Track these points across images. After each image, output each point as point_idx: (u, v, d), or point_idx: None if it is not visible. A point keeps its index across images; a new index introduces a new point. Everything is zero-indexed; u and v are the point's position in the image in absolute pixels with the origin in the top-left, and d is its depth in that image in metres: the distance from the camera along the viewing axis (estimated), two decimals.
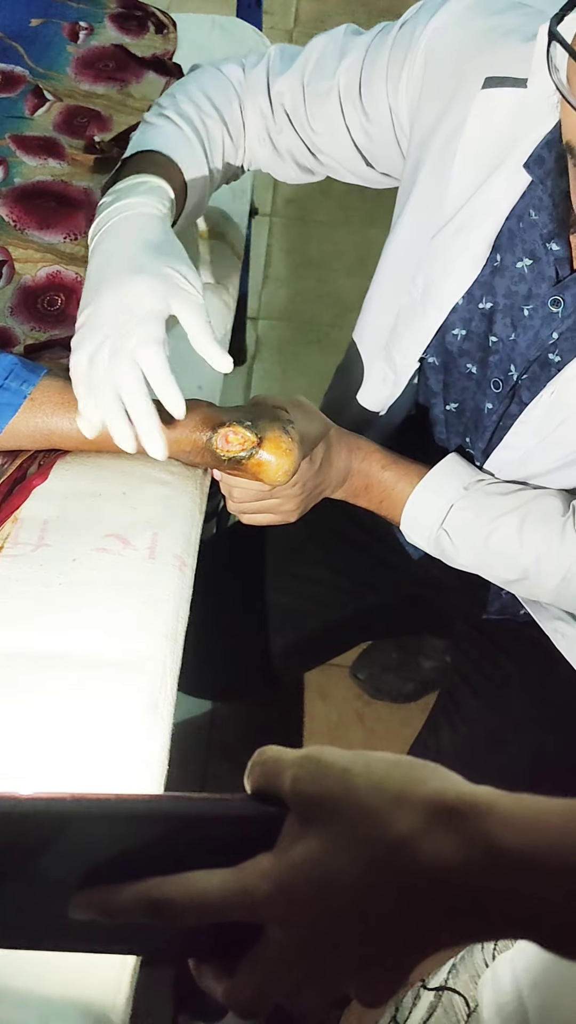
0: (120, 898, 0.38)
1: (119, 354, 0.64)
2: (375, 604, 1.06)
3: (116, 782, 0.60)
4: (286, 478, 0.71)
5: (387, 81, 0.80)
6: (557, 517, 0.79)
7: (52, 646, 0.66)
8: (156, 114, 0.84)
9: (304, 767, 0.39)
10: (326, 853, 0.37)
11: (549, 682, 0.95)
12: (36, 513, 0.73)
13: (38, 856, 0.39)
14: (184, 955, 0.41)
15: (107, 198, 0.75)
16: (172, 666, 0.67)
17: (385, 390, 0.88)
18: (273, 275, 2.17)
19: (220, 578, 1.03)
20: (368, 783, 0.38)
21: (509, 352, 0.79)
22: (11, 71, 1.11)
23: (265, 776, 0.40)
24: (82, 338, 0.67)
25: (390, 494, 0.83)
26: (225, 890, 0.37)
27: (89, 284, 0.69)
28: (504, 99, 0.73)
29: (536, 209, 0.73)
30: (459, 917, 0.37)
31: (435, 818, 0.37)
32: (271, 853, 0.38)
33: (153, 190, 0.74)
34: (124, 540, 0.72)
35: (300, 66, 0.85)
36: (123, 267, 0.67)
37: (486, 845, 0.36)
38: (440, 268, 0.79)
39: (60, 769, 0.60)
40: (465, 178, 0.76)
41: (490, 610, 0.99)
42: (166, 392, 0.65)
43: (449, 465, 0.83)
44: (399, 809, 0.37)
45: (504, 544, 0.80)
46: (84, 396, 0.67)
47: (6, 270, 0.90)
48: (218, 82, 0.88)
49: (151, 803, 0.40)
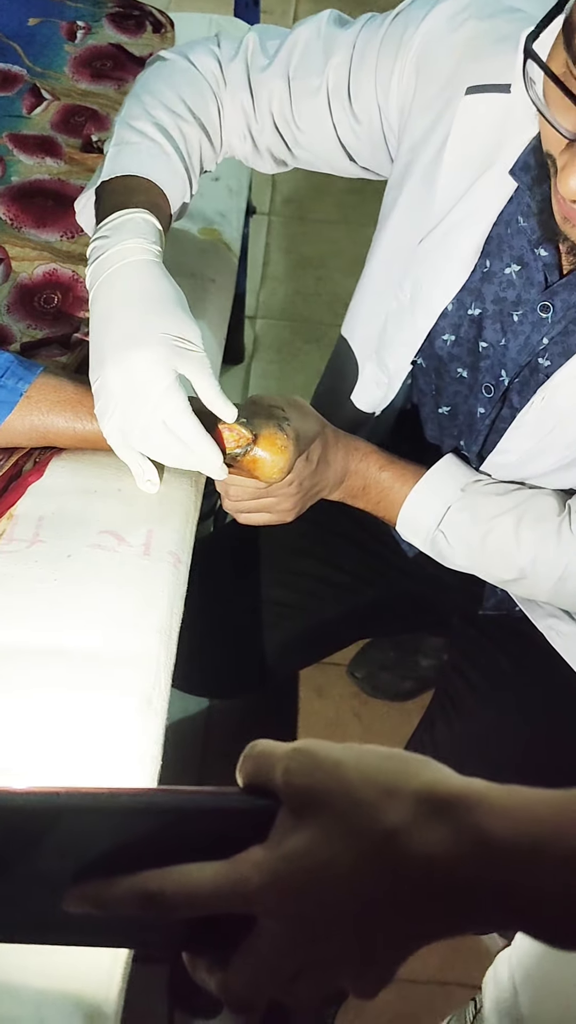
0: (114, 891, 0.38)
1: (151, 428, 0.67)
2: (372, 600, 1.06)
3: (110, 777, 0.61)
4: (281, 475, 0.71)
5: (376, 82, 0.79)
6: (553, 517, 0.79)
7: (47, 642, 0.66)
8: (128, 126, 0.78)
9: (296, 760, 0.39)
10: (318, 845, 0.37)
11: (545, 678, 0.95)
12: (31, 510, 0.73)
13: (32, 850, 0.39)
14: (177, 948, 0.41)
15: (97, 240, 0.72)
16: (166, 662, 0.68)
17: (379, 392, 0.89)
18: (271, 274, 2.17)
19: (216, 575, 1.03)
20: (360, 775, 0.39)
21: (500, 357, 0.79)
22: (9, 70, 1.11)
23: (257, 769, 0.41)
24: (103, 409, 0.68)
25: (387, 495, 0.83)
26: (218, 882, 0.38)
27: (94, 347, 0.68)
28: (488, 105, 0.72)
29: (524, 216, 0.73)
30: (451, 908, 0.37)
31: (426, 810, 0.37)
32: (264, 845, 0.38)
33: (138, 227, 0.71)
34: (119, 537, 0.73)
35: (283, 61, 0.82)
36: (123, 339, 0.66)
37: (477, 836, 0.37)
38: (427, 274, 0.79)
39: (54, 764, 0.61)
40: (451, 184, 0.76)
41: (486, 606, 1.00)
42: (202, 451, 0.68)
43: (446, 466, 0.83)
44: (390, 801, 0.38)
45: (500, 544, 0.80)
46: (136, 462, 0.71)
47: (3, 268, 0.90)
48: (192, 81, 0.83)
49: (144, 797, 0.41)
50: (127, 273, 0.69)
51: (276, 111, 0.83)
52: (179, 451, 0.68)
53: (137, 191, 0.74)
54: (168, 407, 0.66)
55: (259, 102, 0.83)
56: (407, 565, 1.00)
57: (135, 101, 0.81)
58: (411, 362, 0.84)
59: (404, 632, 1.48)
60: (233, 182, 1.11)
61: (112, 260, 0.70)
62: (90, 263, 0.71)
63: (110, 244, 0.70)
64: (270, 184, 2.35)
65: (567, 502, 0.80)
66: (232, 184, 1.10)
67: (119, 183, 0.75)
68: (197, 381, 0.67)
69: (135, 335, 0.66)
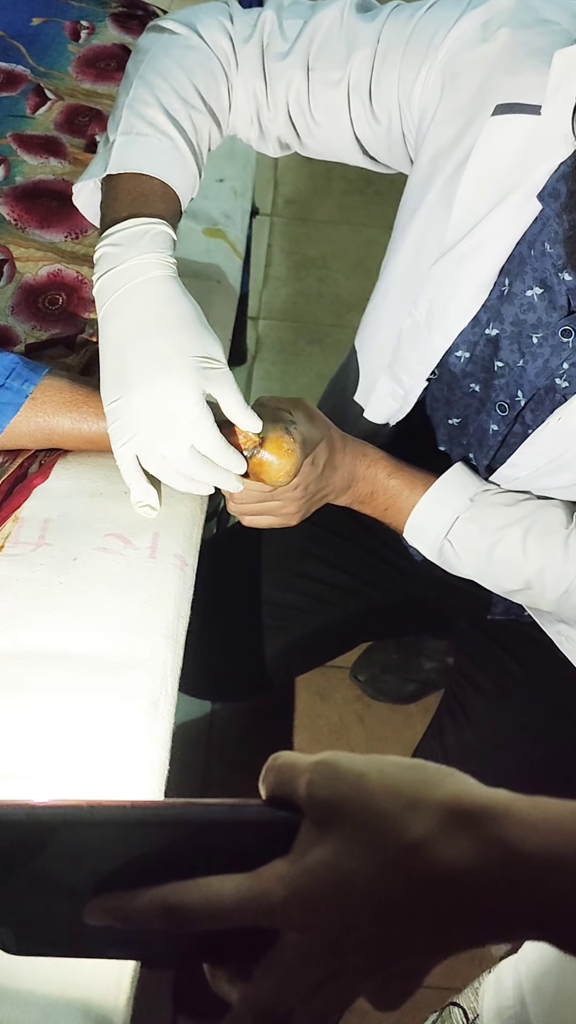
0: (136, 904, 0.38)
1: (175, 454, 0.66)
2: (376, 604, 1.06)
3: (117, 782, 0.60)
4: (288, 479, 0.70)
5: (399, 83, 0.76)
6: (561, 530, 0.78)
7: (52, 646, 0.66)
8: (138, 114, 0.74)
9: (319, 772, 0.39)
10: (342, 857, 0.37)
11: (554, 683, 0.95)
12: (37, 512, 0.73)
13: (54, 863, 0.39)
14: (194, 960, 0.41)
15: (109, 246, 0.69)
16: (173, 666, 0.67)
17: (394, 405, 0.88)
18: (273, 275, 2.17)
19: (220, 578, 1.03)
20: (383, 787, 0.38)
21: (516, 378, 0.78)
22: (12, 70, 1.11)
23: (280, 781, 0.40)
24: (121, 430, 0.66)
25: (395, 502, 0.82)
26: (241, 895, 0.37)
27: (111, 369, 0.67)
28: (516, 127, 0.70)
29: (551, 242, 0.71)
30: (475, 920, 0.37)
31: (451, 821, 0.37)
32: (287, 858, 0.38)
33: (157, 241, 0.69)
34: (125, 539, 0.72)
35: (303, 50, 0.78)
36: (152, 364, 0.65)
37: (503, 848, 0.36)
38: (443, 295, 0.78)
39: (61, 769, 0.60)
40: (471, 205, 0.74)
41: (494, 611, 0.99)
42: (230, 466, 0.68)
43: (455, 476, 0.82)
44: (415, 813, 0.37)
45: (507, 555, 0.79)
46: (142, 487, 0.69)
47: (7, 269, 0.90)
48: (203, 61, 0.78)
49: (166, 809, 0.40)
50: (146, 290, 0.67)
51: (292, 101, 0.81)
52: (200, 473, 0.67)
53: (152, 197, 0.71)
54: (198, 431, 0.65)
55: (274, 91, 0.80)
56: (413, 569, 0.99)
57: (143, 83, 0.76)
58: (427, 379, 0.84)
59: (408, 634, 1.47)
60: (238, 184, 1.10)
61: (130, 274, 0.67)
62: (101, 271, 0.69)
63: (126, 255, 0.68)
64: (272, 185, 2.35)
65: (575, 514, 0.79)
66: (237, 186, 1.10)
67: (131, 182, 0.72)
68: (223, 398, 0.66)
69: (165, 361, 0.65)
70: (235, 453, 0.67)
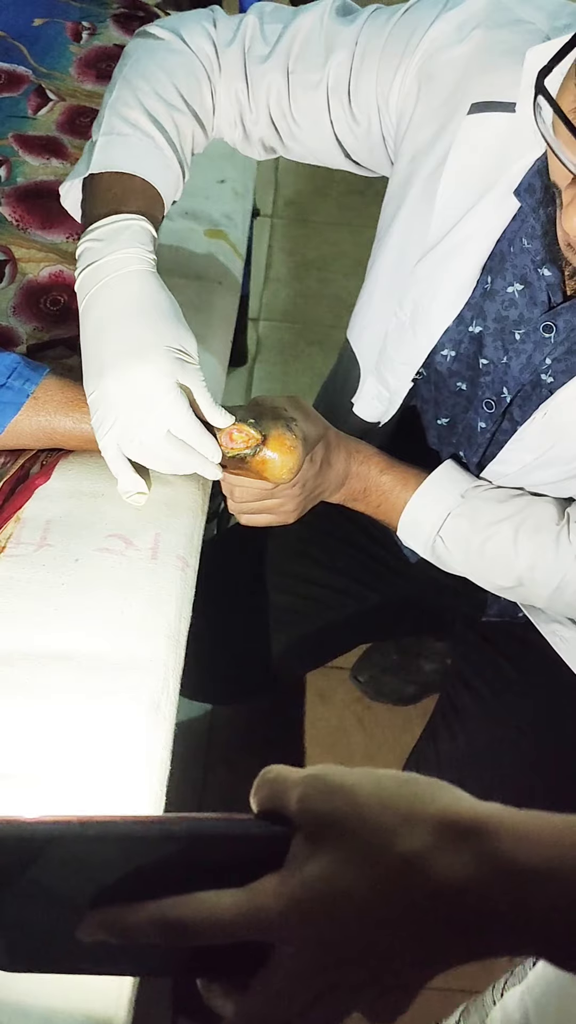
0: (132, 919, 0.38)
1: (152, 438, 0.66)
2: (375, 605, 1.06)
3: (118, 783, 0.60)
4: (290, 476, 0.71)
5: (377, 84, 0.76)
6: (552, 526, 0.79)
7: (54, 646, 0.66)
8: (119, 116, 0.74)
9: (312, 786, 0.39)
10: (336, 871, 0.37)
11: (549, 685, 0.95)
12: (38, 513, 0.73)
13: (45, 880, 0.39)
14: (188, 974, 0.41)
15: (90, 242, 0.70)
16: (174, 667, 0.67)
17: (380, 406, 0.88)
18: (274, 276, 2.17)
19: (220, 580, 1.03)
20: (377, 801, 0.38)
21: (501, 375, 0.79)
22: (14, 71, 1.11)
23: (272, 795, 0.40)
24: (101, 420, 0.67)
25: (387, 499, 0.83)
26: (237, 910, 0.37)
27: (89, 358, 0.68)
28: (491, 125, 0.71)
29: (528, 237, 0.72)
30: (470, 934, 0.37)
31: (445, 836, 0.37)
32: (281, 872, 0.38)
33: (136, 236, 0.69)
34: (127, 540, 0.72)
35: (283, 53, 0.79)
36: (125, 350, 0.66)
37: (497, 862, 0.36)
38: (427, 294, 0.78)
39: (63, 769, 0.60)
40: (451, 204, 0.74)
41: (489, 612, 0.99)
42: (207, 450, 0.68)
43: (446, 472, 0.83)
44: (408, 827, 0.37)
45: (498, 552, 0.79)
46: (128, 475, 0.69)
47: (9, 269, 0.90)
48: (185, 64, 0.79)
49: (157, 824, 0.40)
50: (125, 283, 0.68)
51: (273, 104, 0.81)
52: (179, 458, 0.68)
53: (132, 193, 0.72)
54: (174, 414, 0.66)
55: (256, 94, 0.81)
56: (409, 570, 0.99)
57: (126, 85, 0.76)
58: (412, 379, 0.84)
59: (407, 635, 1.47)
60: (239, 185, 1.10)
61: (109, 268, 0.68)
62: (82, 266, 0.70)
63: (106, 250, 0.69)
64: (273, 186, 2.35)
65: (566, 510, 0.79)
66: (238, 187, 1.10)
67: (112, 180, 0.72)
68: (194, 392, 0.67)
69: (138, 347, 0.66)
70: (210, 437, 0.68)
